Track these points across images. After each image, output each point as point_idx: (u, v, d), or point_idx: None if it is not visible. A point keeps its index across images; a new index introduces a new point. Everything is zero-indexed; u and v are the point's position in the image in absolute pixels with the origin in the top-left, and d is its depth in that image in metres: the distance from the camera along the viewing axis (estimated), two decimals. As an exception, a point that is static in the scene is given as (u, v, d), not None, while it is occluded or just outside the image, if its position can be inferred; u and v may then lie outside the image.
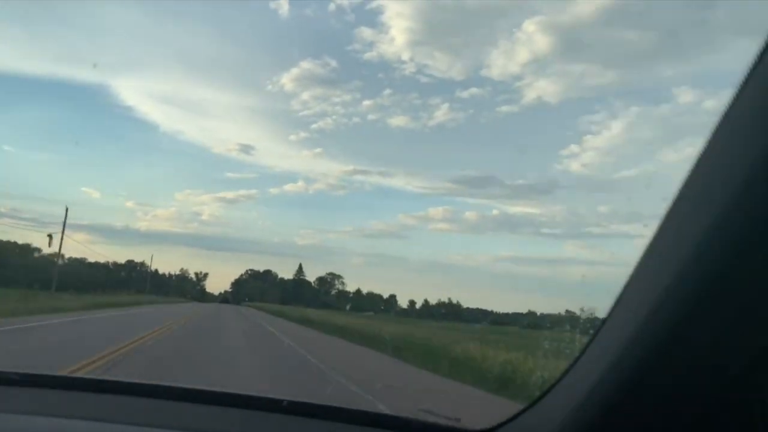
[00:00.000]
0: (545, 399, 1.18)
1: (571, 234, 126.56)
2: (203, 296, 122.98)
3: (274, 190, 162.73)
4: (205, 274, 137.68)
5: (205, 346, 16.53)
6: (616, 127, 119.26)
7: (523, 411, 1.25)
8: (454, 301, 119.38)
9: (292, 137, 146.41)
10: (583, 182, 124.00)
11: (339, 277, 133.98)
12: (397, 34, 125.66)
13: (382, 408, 6.50)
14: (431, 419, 1.54)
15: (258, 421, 1.54)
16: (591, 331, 1.11)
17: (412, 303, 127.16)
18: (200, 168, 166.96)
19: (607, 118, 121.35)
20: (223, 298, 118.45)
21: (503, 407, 8.94)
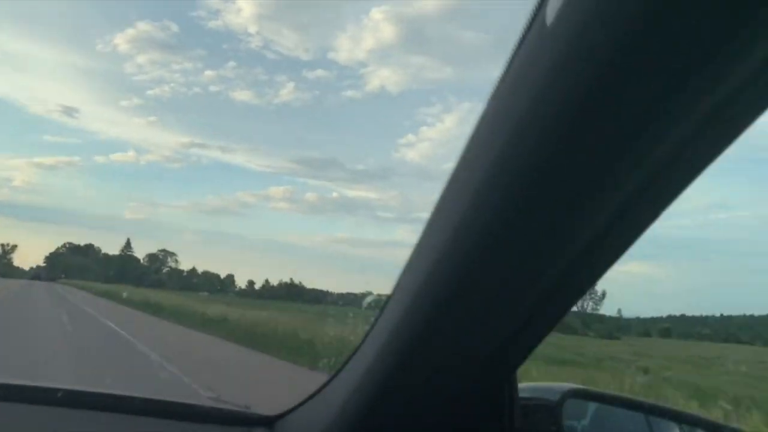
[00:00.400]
0: (331, 383, 1.18)
1: (404, 219, 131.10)
2: (10, 271, 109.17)
3: (100, 159, 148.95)
4: (14, 246, 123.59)
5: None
6: (450, 120, 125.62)
7: (313, 395, 1.25)
8: (296, 282, 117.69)
9: (124, 102, 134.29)
10: (417, 170, 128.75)
11: (172, 254, 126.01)
12: (244, 5, 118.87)
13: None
14: (220, 406, 1.54)
15: (33, 415, 1.35)
16: None
17: (251, 283, 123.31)
18: (13, 129, 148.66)
19: (442, 111, 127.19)
20: (35, 274, 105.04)
21: None
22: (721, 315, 58.81)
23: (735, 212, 69.49)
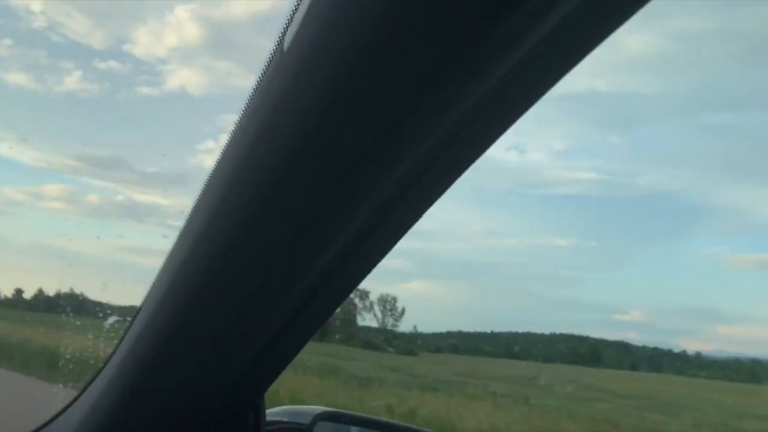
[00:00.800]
0: (71, 406, 1.08)
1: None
2: None
3: None
4: None
5: None
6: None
7: (51, 420, 1.12)
8: (78, 292, 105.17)
9: None
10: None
11: None
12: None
13: None
14: None
15: None
16: None
17: (19, 292, 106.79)
18: None
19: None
20: None
21: None
22: (492, 332, 65.65)
23: (504, 240, 78.21)
